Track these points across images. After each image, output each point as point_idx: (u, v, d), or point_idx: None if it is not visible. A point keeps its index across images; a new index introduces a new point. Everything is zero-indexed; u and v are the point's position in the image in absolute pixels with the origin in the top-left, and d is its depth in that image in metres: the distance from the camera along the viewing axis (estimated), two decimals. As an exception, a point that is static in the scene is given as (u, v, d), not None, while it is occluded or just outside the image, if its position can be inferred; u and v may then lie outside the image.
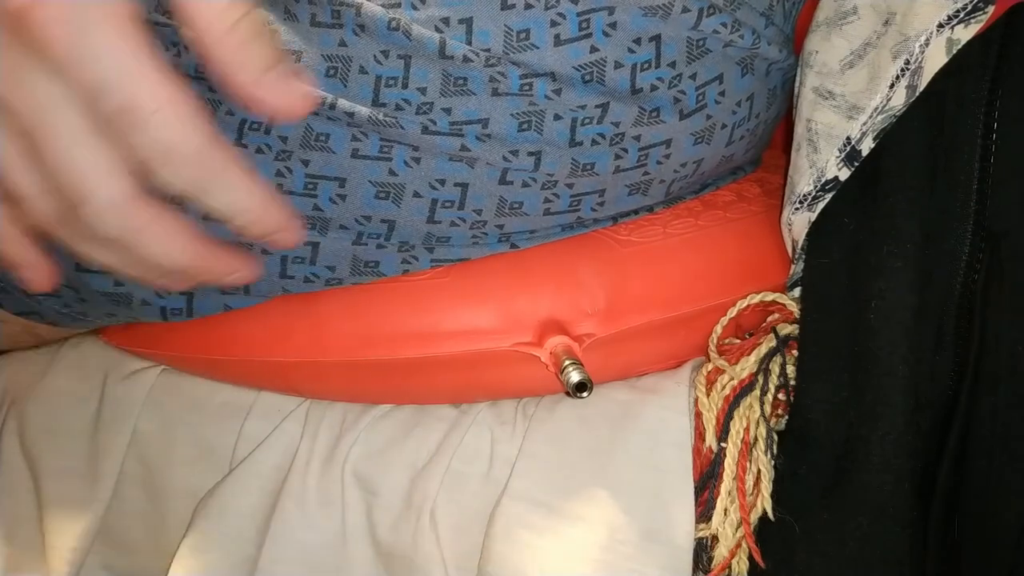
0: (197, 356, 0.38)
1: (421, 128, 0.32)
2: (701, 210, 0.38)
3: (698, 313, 0.36)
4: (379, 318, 0.34)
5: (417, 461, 0.36)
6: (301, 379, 0.37)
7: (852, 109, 0.34)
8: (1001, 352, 0.33)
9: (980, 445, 0.34)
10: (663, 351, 0.38)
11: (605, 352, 0.35)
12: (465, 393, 0.37)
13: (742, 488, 0.34)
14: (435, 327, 0.34)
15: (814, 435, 0.35)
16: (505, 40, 0.31)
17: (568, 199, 0.34)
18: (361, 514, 0.36)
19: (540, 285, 0.35)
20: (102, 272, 0.34)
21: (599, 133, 0.33)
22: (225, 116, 0.32)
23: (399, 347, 0.34)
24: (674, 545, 0.33)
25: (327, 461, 0.36)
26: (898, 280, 0.34)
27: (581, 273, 0.35)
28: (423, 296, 0.34)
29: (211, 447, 0.38)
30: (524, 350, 0.34)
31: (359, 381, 0.37)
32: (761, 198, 0.40)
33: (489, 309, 0.34)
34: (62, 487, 0.40)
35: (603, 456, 0.34)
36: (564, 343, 0.33)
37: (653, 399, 0.34)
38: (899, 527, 0.33)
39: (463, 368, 0.35)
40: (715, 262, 0.37)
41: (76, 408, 0.41)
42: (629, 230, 0.36)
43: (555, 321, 0.34)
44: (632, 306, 0.35)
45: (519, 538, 0.33)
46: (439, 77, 0.31)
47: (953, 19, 0.32)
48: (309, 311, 0.35)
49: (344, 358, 0.35)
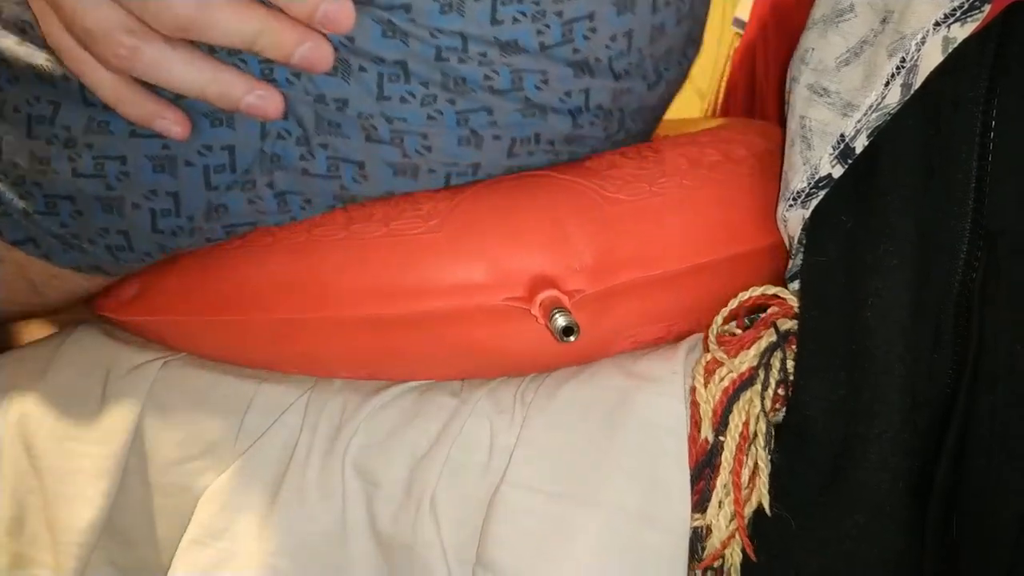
0: (205, 317, 0.38)
1: None
2: (688, 169, 0.38)
3: (684, 272, 0.37)
4: (377, 272, 0.35)
5: (417, 451, 0.36)
6: (306, 339, 0.38)
7: (847, 106, 0.34)
8: (1000, 351, 0.33)
9: (979, 444, 0.33)
10: (652, 311, 0.38)
11: (593, 310, 0.36)
12: (462, 355, 0.38)
13: (738, 482, 0.34)
14: (429, 282, 0.35)
15: (812, 432, 0.35)
16: None
17: (508, 76, 0.35)
18: (361, 505, 0.36)
19: (530, 241, 0.35)
20: (96, 175, 0.36)
21: (520, 11, 0.34)
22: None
23: (397, 301, 0.35)
24: (670, 531, 0.33)
25: (327, 453, 0.37)
26: (895, 279, 0.34)
27: (570, 230, 0.35)
28: (418, 250, 0.35)
29: (212, 441, 0.39)
30: (515, 304, 0.35)
31: (359, 340, 0.37)
32: (748, 160, 0.40)
33: (481, 264, 0.35)
34: (67, 483, 0.40)
35: (600, 443, 0.34)
36: (553, 295, 0.34)
37: (649, 386, 0.35)
38: (896, 526, 0.33)
39: (456, 324, 0.36)
40: (700, 222, 0.37)
41: (79, 404, 0.41)
42: (618, 188, 0.37)
43: (544, 276, 0.35)
44: (619, 263, 0.36)
45: (517, 524, 0.34)
46: None
47: (950, 17, 0.32)
48: (310, 265, 0.36)
49: (343, 314, 0.35)
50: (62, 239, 0.38)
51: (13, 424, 0.42)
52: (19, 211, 0.37)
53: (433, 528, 0.35)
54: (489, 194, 0.37)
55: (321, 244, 0.36)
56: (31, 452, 0.42)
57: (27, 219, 0.37)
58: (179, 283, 0.39)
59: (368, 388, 0.38)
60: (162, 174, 0.36)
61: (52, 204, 0.37)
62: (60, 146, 0.35)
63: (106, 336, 0.44)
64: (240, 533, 0.36)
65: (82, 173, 0.36)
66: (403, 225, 0.36)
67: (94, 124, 0.35)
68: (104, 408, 0.41)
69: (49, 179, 0.36)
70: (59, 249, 0.39)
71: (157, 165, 0.36)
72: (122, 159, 0.35)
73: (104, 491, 0.40)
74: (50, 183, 0.36)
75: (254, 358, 0.41)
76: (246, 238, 0.38)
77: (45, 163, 0.36)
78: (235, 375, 0.40)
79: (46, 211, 0.37)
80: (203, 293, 0.38)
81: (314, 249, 0.36)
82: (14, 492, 0.42)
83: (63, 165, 0.36)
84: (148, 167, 0.36)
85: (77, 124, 0.35)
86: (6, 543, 0.41)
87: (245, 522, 0.36)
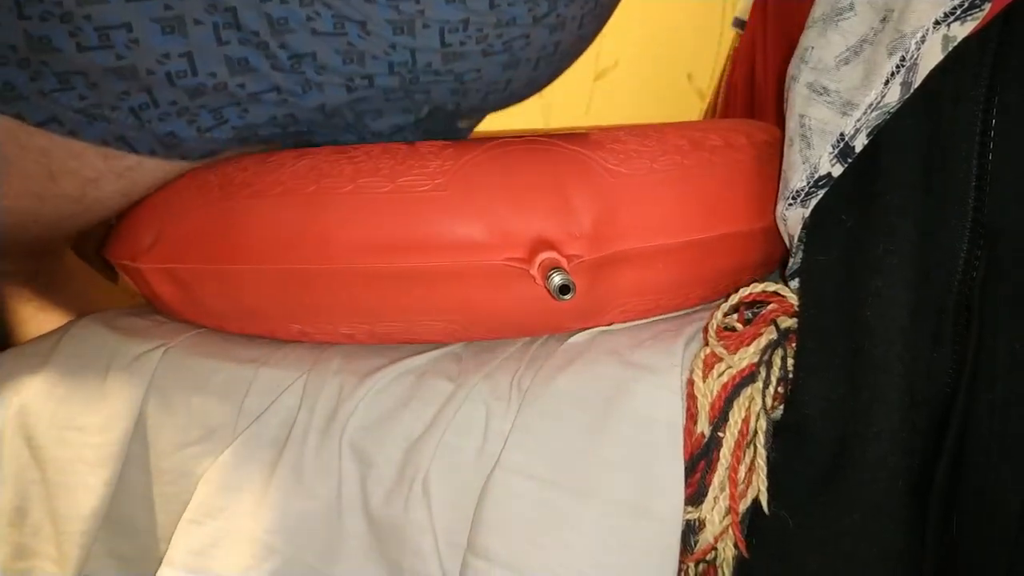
0: (217, 266, 0.39)
1: None
2: (689, 150, 0.39)
3: (679, 246, 0.38)
4: (381, 227, 0.36)
5: (412, 433, 0.36)
6: (310, 290, 0.38)
7: (846, 105, 0.34)
8: (999, 350, 0.33)
9: (978, 443, 0.33)
10: (645, 283, 0.39)
11: (592, 277, 0.37)
12: (457, 311, 0.38)
13: (734, 478, 0.34)
14: (433, 238, 0.36)
15: (810, 431, 0.35)
16: None
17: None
18: (356, 485, 0.37)
19: (533, 204, 0.36)
20: (103, 47, 0.35)
21: None
22: None
23: (400, 256, 0.36)
24: (662, 521, 0.33)
25: (324, 433, 0.37)
26: (895, 278, 0.34)
27: (572, 197, 0.36)
28: (423, 207, 0.36)
29: (213, 426, 0.39)
30: (515, 265, 0.35)
31: (361, 292, 0.37)
32: (747, 148, 0.41)
33: (484, 224, 0.36)
34: (68, 474, 0.41)
35: (596, 432, 0.34)
36: (552, 256, 0.35)
37: (646, 377, 0.35)
38: (894, 524, 0.33)
39: (456, 282, 0.36)
40: (695, 200, 0.38)
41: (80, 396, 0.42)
42: (619, 161, 0.38)
43: (545, 239, 0.36)
44: (618, 233, 0.36)
45: (510, 510, 0.34)
46: None
47: (950, 16, 0.32)
48: (317, 218, 0.37)
49: (348, 265, 0.36)
50: (85, 112, 0.38)
51: (14, 416, 0.43)
52: (35, 92, 0.36)
53: (425, 510, 0.35)
54: (495, 157, 0.37)
55: (328, 196, 0.37)
56: (32, 443, 0.42)
57: (45, 98, 0.37)
58: (192, 231, 0.40)
59: (365, 370, 0.39)
60: (172, 35, 0.35)
61: (65, 79, 0.36)
62: (56, 22, 0.34)
63: (106, 328, 0.45)
64: (236, 512, 0.37)
65: (88, 47, 0.35)
66: (409, 182, 0.36)
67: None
68: (105, 398, 0.41)
69: (55, 57, 0.35)
70: (84, 123, 0.38)
71: (166, 27, 0.35)
72: (127, 26, 0.35)
73: (106, 480, 0.40)
74: (57, 61, 0.36)
75: (260, 309, 0.41)
76: (255, 187, 0.39)
77: (45, 42, 0.35)
78: (234, 360, 0.41)
79: (60, 87, 0.36)
80: (215, 242, 0.39)
81: (321, 201, 0.37)
82: (16, 483, 0.42)
83: (65, 42, 0.35)
84: (156, 30, 0.35)
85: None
86: (8, 534, 0.42)
87: (242, 501, 0.37)
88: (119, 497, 0.41)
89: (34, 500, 0.42)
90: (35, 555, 0.41)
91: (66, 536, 0.40)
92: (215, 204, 0.39)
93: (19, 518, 0.42)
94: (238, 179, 0.39)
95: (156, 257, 0.41)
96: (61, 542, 0.40)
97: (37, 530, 0.41)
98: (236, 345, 0.42)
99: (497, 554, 0.33)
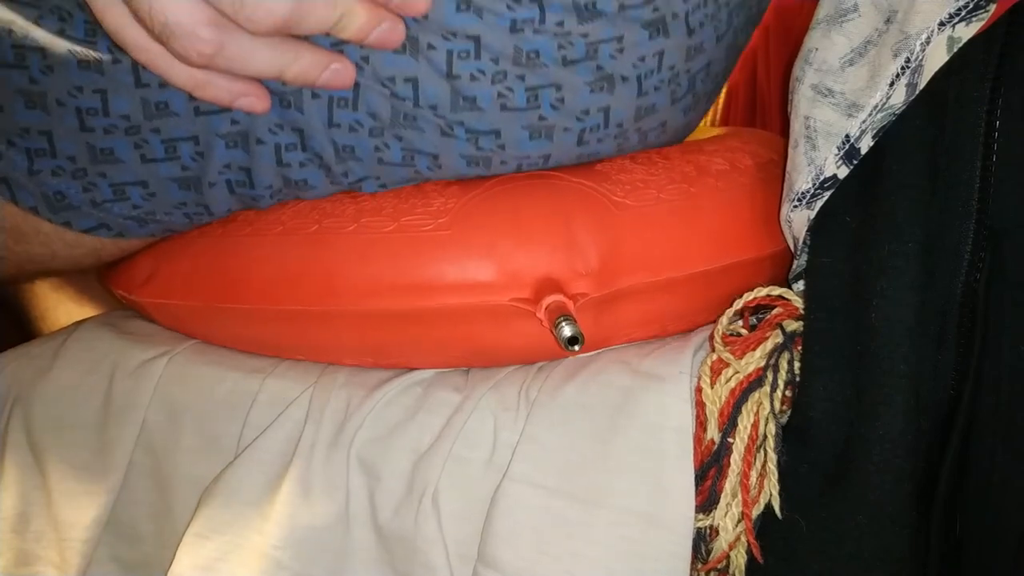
0: (214, 304, 0.38)
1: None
2: (695, 176, 0.39)
3: (684, 279, 0.37)
4: (385, 268, 0.35)
5: (420, 446, 0.36)
6: (312, 330, 0.38)
7: (851, 107, 0.34)
8: (1004, 351, 0.33)
9: (983, 445, 0.33)
10: (651, 314, 0.39)
11: (597, 312, 0.36)
12: (466, 349, 0.38)
13: (746, 483, 0.34)
14: (438, 279, 0.35)
15: (815, 433, 0.35)
16: None
17: (523, 93, 0.35)
18: (364, 499, 0.36)
19: (538, 244, 0.36)
20: (169, 158, 0.36)
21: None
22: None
23: (403, 297, 0.35)
24: (673, 531, 0.33)
25: (331, 447, 0.37)
26: (900, 279, 0.34)
27: (578, 234, 0.36)
28: (427, 247, 0.35)
29: (217, 436, 0.39)
30: (521, 306, 0.35)
31: (365, 332, 0.37)
32: (752, 171, 0.41)
33: (489, 264, 0.35)
34: (71, 480, 0.41)
35: (604, 441, 0.34)
36: (559, 300, 0.34)
37: (655, 386, 0.35)
38: (898, 526, 0.33)
39: (463, 321, 0.36)
40: (704, 230, 0.38)
41: (84, 402, 0.42)
42: (625, 192, 0.37)
43: (551, 279, 0.35)
44: (624, 268, 0.36)
45: (520, 520, 0.34)
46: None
47: (955, 17, 0.32)
48: (319, 257, 0.36)
49: (351, 307, 0.36)
50: (137, 219, 0.38)
51: (18, 421, 0.42)
52: (86, 202, 0.37)
53: (435, 522, 0.35)
54: (499, 194, 0.37)
55: (330, 236, 0.36)
56: (36, 449, 0.42)
57: (96, 208, 0.37)
58: (190, 269, 0.39)
59: (372, 383, 0.39)
60: (235, 150, 0.36)
61: (121, 191, 0.36)
62: (121, 134, 0.35)
63: (112, 332, 0.44)
64: (243, 526, 0.36)
65: (153, 158, 0.35)
66: (412, 221, 0.36)
67: (152, 107, 0.34)
68: (110, 404, 0.41)
69: (116, 167, 0.36)
70: (135, 227, 0.38)
71: (230, 142, 0.35)
72: (194, 139, 0.35)
73: (109, 487, 0.40)
74: (117, 172, 0.36)
75: (261, 343, 0.41)
76: (256, 225, 0.38)
77: (108, 153, 0.35)
78: (240, 370, 0.40)
79: (115, 198, 0.37)
80: (212, 281, 0.38)
81: (323, 241, 0.36)
82: (19, 488, 0.42)
83: (129, 153, 0.35)
84: (221, 145, 0.35)
85: (134, 110, 0.34)
86: (11, 540, 0.42)
87: (248, 515, 0.37)
88: (122, 504, 0.41)
89: (36, 506, 0.41)
90: (37, 561, 0.41)
91: (68, 543, 0.40)
92: (214, 242, 0.39)
93: (22, 524, 0.41)
94: (238, 217, 0.39)
95: (151, 292, 0.40)
96: (63, 548, 0.40)
97: (39, 536, 0.41)
98: (242, 354, 0.42)
99: (508, 565, 0.33)
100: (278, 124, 0.36)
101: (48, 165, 0.36)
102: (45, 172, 0.36)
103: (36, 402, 0.42)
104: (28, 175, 0.36)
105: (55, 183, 0.36)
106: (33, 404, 0.42)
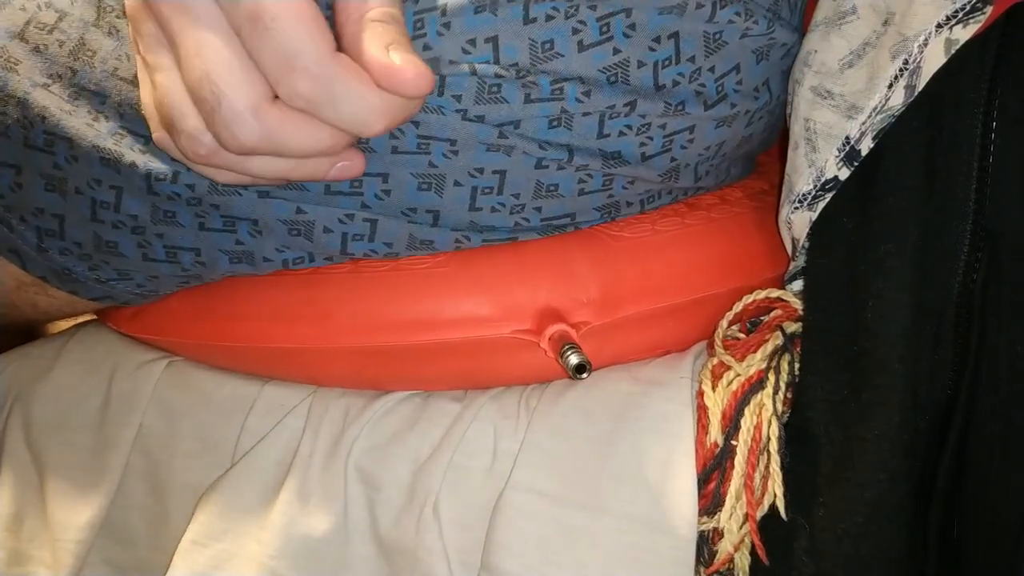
0: (204, 342, 0.38)
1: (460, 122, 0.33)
2: (687, 211, 0.39)
3: (685, 304, 0.38)
4: (382, 305, 0.35)
5: (419, 455, 0.36)
6: (306, 365, 0.38)
7: (851, 109, 0.34)
8: (1001, 351, 0.33)
9: (980, 445, 0.34)
10: (653, 340, 0.39)
11: (599, 340, 0.36)
12: (468, 379, 0.38)
13: (750, 486, 0.34)
14: (437, 314, 0.35)
15: (812, 434, 0.35)
16: (531, 53, 0.32)
17: (601, 179, 0.35)
18: (363, 508, 0.36)
19: (537, 276, 0.36)
20: (170, 262, 0.36)
21: (626, 125, 0.34)
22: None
23: (401, 333, 0.35)
24: (677, 536, 0.33)
25: (329, 456, 0.36)
26: (896, 280, 0.34)
27: (576, 265, 0.36)
28: (425, 284, 0.35)
29: (214, 441, 0.39)
30: (523, 337, 0.35)
31: (363, 367, 0.37)
32: (743, 201, 0.42)
33: (488, 298, 0.35)
34: (67, 481, 0.40)
35: (606, 447, 0.34)
36: (561, 330, 0.34)
37: (656, 391, 0.35)
38: (895, 526, 0.33)
39: (464, 355, 0.36)
40: (700, 257, 0.38)
41: (83, 403, 0.41)
42: (621, 227, 0.38)
43: (552, 309, 0.35)
44: (624, 296, 0.36)
45: (523, 529, 0.34)
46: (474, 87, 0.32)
47: (952, 19, 0.32)
48: (314, 298, 0.36)
49: (347, 344, 0.36)
50: (141, 294, 0.39)
51: (17, 420, 0.42)
52: (92, 279, 0.37)
53: (436, 532, 0.35)
54: None
55: (326, 278, 0.36)
56: (33, 449, 0.41)
57: (102, 284, 0.38)
58: (179, 306, 0.39)
59: (371, 392, 0.38)
60: (239, 264, 0.36)
61: (126, 274, 0.37)
62: (127, 231, 0.35)
63: (112, 334, 0.44)
64: (240, 534, 0.36)
65: (154, 259, 0.36)
66: (409, 262, 0.36)
67: (160, 214, 0.35)
68: (108, 406, 0.41)
69: (119, 258, 0.36)
70: (138, 298, 0.39)
71: (234, 258, 0.36)
72: (196, 251, 0.36)
73: (105, 490, 0.40)
74: (120, 261, 0.36)
75: (254, 371, 0.41)
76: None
77: (112, 246, 0.36)
78: (239, 376, 0.40)
79: (119, 279, 0.37)
80: (202, 319, 0.38)
81: (319, 282, 0.36)
82: (15, 488, 0.41)
83: (133, 251, 0.36)
84: (225, 259, 0.36)
85: (143, 212, 0.35)
86: (5, 540, 0.41)
87: (245, 523, 0.36)
88: (119, 507, 0.40)
89: (31, 506, 0.41)
90: (30, 561, 0.41)
91: (61, 544, 0.40)
92: (203, 284, 0.39)
93: (16, 524, 0.41)
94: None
95: (138, 328, 0.40)
96: (56, 549, 0.40)
97: (33, 536, 0.41)
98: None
99: (511, 574, 0.33)
100: (284, 245, 0.36)
101: (56, 245, 0.36)
102: (53, 251, 0.36)
103: (36, 402, 0.42)
104: (36, 251, 0.37)
105: (63, 260, 0.37)
106: (33, 404, 0.42)
